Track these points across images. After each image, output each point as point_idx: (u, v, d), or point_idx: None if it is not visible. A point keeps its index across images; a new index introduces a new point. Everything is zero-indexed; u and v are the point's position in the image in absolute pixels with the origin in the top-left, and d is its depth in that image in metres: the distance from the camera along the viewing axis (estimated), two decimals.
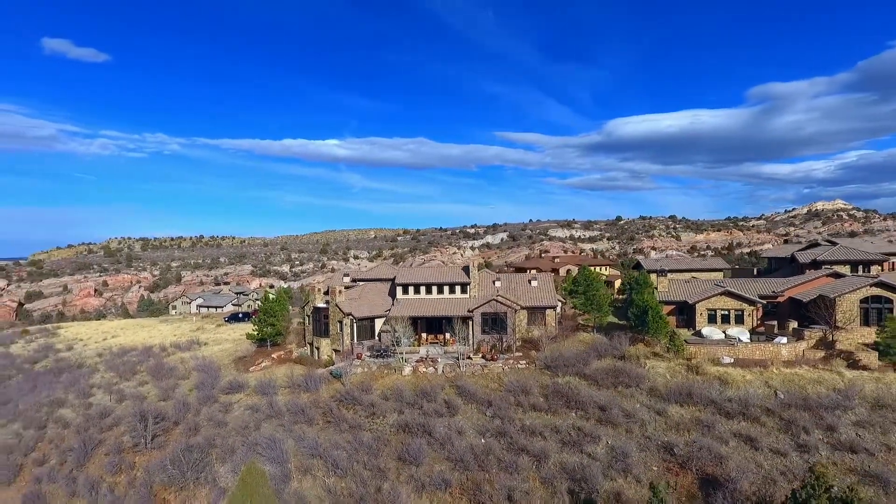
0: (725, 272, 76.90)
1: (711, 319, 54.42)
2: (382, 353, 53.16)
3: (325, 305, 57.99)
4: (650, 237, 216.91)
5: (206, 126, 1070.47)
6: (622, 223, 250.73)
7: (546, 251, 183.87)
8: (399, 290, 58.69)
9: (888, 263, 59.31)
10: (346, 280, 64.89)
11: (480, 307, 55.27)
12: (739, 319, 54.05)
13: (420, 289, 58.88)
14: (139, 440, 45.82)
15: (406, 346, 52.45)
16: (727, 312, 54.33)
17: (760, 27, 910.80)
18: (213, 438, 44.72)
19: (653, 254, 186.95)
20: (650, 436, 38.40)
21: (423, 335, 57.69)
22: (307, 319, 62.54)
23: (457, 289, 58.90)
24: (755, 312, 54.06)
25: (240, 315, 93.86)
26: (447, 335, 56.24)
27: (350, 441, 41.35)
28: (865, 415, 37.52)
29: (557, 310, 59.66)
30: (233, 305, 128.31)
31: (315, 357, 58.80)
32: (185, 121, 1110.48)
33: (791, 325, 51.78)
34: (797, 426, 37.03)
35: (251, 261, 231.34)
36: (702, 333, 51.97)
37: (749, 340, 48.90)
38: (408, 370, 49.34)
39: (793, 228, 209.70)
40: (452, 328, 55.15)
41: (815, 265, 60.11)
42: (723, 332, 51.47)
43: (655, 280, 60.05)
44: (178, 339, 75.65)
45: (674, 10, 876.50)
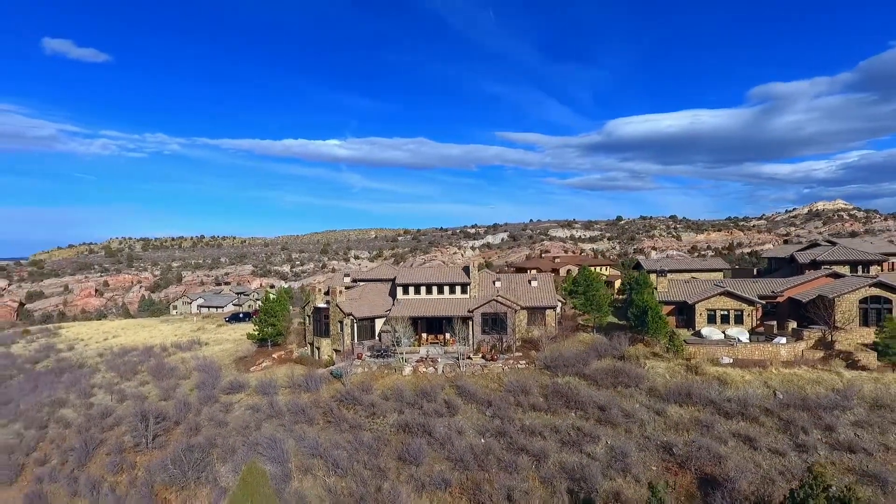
0: (725, 272, 76.97)
1: (711, 320, 54.53)
2: (383, 353, 53.30)
3: (326, 305, 58.15)
4: (651, 237, 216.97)
5: (207, 126, 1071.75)
6: (622, 223, 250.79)
7: (546, 251, 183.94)
8: (399, 291, 58.83)
9: (887, 264, 59.36)
10: (347, 280, 65.05)
11: (480, 307, 55.41)
12: (739, 320, 54.16)
13: (420, 289, 59.02)
14: (140, 440, 45.98)
15: (406, 347, 52.59)
16: (727, 313, 54.43)
17: (761, 27, 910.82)
18: (214, 438, 44.88)
19: (653, 254, 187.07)
20: (649, 436, 38.53)
21: (424, 335, 57.84)
22: (308, 319, 62.70)
23: (457, 289, 59.03)
24: (754, 313, 54.17)
25: (240, 315, 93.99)
26: (447, 335, 56.38)
27: (350, 441, 41.51)
28: (864, 415, 37.62)
29: (557, 310, 59.78)
30: (233, 305, 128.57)
31: (315, 357, 58.97)
32: (186, 121, 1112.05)
33: (790, 326, 51.89)
34: (796, 426, 37.17)
35: (252, 261, 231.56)
36: (701, 334, 52.06)
37: (748, 341, 49.01)
38: (408, 370, 49.49)
39: (793, 228, 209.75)
40: (452, 328, 55.31)
41: (815, 265, 60.17)
42: (722, 333, 51.56)
43: (655, 280, 60.11)
44: (179, 339, 75.82)
45: (674, 10, 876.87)
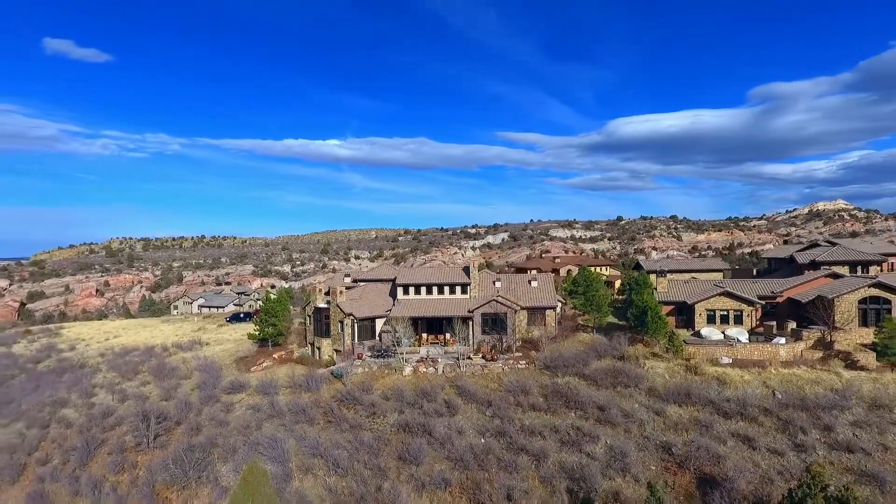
0: (725, 272, 77.02)
1: (710, 320, 54.63)
2: (383, 354, 53.43)
3: (327, 306, 58.29)
4: (651, 237, 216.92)
5: (208, 126, 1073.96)
6: (623, 223, 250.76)
7: (547, 251, 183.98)
8: (400, 291, 58.97)
9: (887, 264, 59.49)
10: (347, 280, 65.19)
11: (480, 307, 55.54)
12: (738, 320, 54.26)
13: (421, 289, 59.15)
14: (141, 440, 46.11)
15: (406, 347, 52.73)
16: (726, 313, 54.54)
17: (761, 27, 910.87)
18: (215, 438, 45.02)
19: (654, 254, 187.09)
20: (649, 435, 38.67)
21: (424, 335, 57.97)
22: (308, 320, 62.85)
23: (457, 289, 59.16)
24: (754, 313, 54.27)
25: (241, 315, 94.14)
26: (447, 335, 56.51)
27: (351, 441, 41.65)
28: (862, 415, 37.76)
29: (557, 310, 59.89)
30: (234, 305, 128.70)
31: (316, 357, 59.12)
32: (187, 121, 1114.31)
33: (790, 326, 51.98)
34: (794, 426, 37.30)
35: (252, 261, 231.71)
36: (701, 334, 52.16)
37: (748, 341, 49.11)
38: (408, 370, 49.63)
39: (794, 228, 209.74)
40: (453, 328, 55.47)
41: (814, 266, 60.25)
42: (722, 333, 51.65)
43: (655, 280, 60.17)
44: (180, 339, 75.97)
45: (674, 10, 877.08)
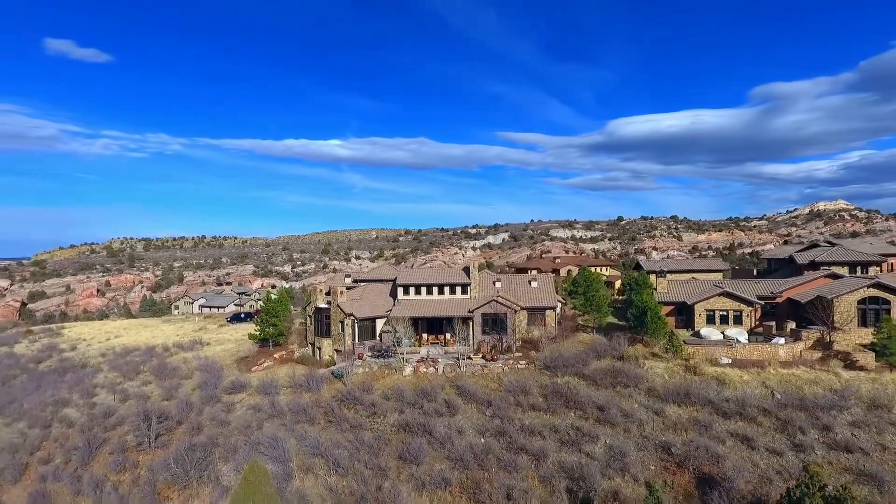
0: (725, 273, 77.10)
1: (710, 320, 54.73)
2: (383, 354, 53.58)
3: (327, 306, 58.45)
4: (652, 237, 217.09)
5: (208, 126, 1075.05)
6: (624, 223, 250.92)
7: (547, 251, 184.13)
8: (400, 291, 59.12)
9: (886, 264, 59.58)
10: (348, 281, 65.35)
11: (481, 308, 55.69)
12: (738, 320, 54.37)
13: (421, 289, 59.30)
14: (143, 439, 46.29)
15: (407, 347, 52.89)
16: (726, 313, 54.64)
17: (761, 27, 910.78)
18: (216, 438, 45.20)
19: (654, 254, 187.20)
20: (648, 435, 38.80)
21: (424, 335, 58.10)
22: (309, 320, 63.01)
23: (457, 289, 59.30)
24: (753, 313, 54.38)
25: (242, 315, 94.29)
26: (448, 335, 56.66)
27: (351, 440, 41.81)
28: (861, 415, 37.88)
29: (557, 310, 60.01)
30: (235, 306, 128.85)
31: (317, 357, 59.29)
32: (187, 121, 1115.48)
33: (789, 326, 52.07)
34: (793, 426, 37.42)
35: (253, 261, 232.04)
36: (700, 334, 52.28)
37: (747, 341, 49.20)
38: (408, 370, 49.78)
39: (794, 229, 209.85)
40: (453, 329, 55.63)
41: (814, 266, 60.33)
42: (721, 333, 51.76)
43: (654, 281, 60.25)
44: (181, 340, 76.14)
45: (674, 10, 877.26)
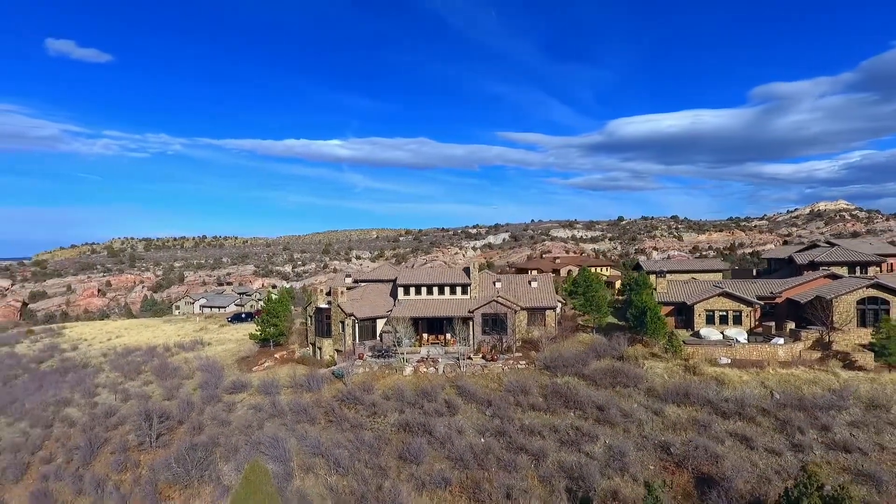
0: (725, 273, 77.10)
1: (710, 320, 54.83)
2: (384, 354, 53.73)
3: (328, 306, 58.60)
4: (652, 237, 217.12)
5: (209, 126, 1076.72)
6: (624, 223, 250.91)
7: (548, 251, 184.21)
8: (400, 291, 59.26)
9: (886, 265, 59.66)
10: (348, 281, 65.52)
11: (481, 308, 55.82)
12: (737, 320, 54.47)
13: (421, 290, 59.44)
14: (144, 439, 46.45)
15: (407, 347, 53.03)
16: (725, 313, 54.73)
17: (762, 27, 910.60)
18: (217, 437, 45.36)
19: (655, 254, 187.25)
20: (647, 435, 38.93)
21: (424, 336, 58.24)
22: (309, 320, 63.16)
23: (457, 290, 59.43)
24: (753, 313, 54.49)
25: (243, 315, 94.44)
26: (448, 336, 56.80)
27: (352, 440, 41.96)
28: (860, 415, 38.01)
29: (557, 310, 60.13)
30: (236, 306, 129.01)
31: (317, 357, 59.45)
32: (188, 121, 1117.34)
33: (788, 326, 52.16)
34: (792, 426, 37.55)
35: (254, 261, 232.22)
36: (700, 334, 52.38)
37: (746, 341, 49.30)
38: (409, 370, 49.92)
39: (795, 229, 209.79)
40: (453, 329, 55.78)
41: (813, 266, 60.43)
42: (721, 333, 51.85)
43: (654, 281, 60.32)
44: (182, 340, 76.31)
45: (674, 10, 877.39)
